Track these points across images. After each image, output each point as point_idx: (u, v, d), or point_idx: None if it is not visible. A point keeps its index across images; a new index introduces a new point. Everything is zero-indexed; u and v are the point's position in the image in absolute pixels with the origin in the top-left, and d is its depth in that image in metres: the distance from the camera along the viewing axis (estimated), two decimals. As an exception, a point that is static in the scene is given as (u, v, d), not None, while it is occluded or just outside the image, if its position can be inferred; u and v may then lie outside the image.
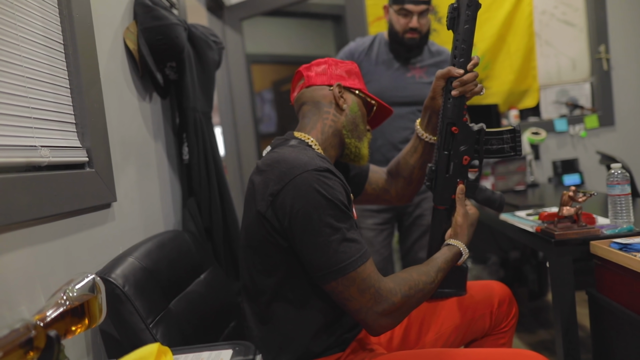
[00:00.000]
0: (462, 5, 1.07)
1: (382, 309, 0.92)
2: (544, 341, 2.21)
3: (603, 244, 1.18)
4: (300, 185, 0.92)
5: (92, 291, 0.73)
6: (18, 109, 0.85)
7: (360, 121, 1.16)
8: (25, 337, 0.58)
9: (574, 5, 2.86)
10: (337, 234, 0.91)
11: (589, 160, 2.84)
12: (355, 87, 1.16)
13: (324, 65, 1.17)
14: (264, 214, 0.95)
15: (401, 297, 0.94)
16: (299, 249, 0.94)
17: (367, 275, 0.92)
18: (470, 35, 1.08)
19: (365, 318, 0.93)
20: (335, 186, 0.94)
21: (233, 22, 2.91)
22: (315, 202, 0.91)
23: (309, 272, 0.95)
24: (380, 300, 0.92)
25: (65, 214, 0.94)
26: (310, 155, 0.98)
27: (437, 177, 1.17)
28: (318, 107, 1.13)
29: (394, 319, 0.95)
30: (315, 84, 1.15)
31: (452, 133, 1.13)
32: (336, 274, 0.90)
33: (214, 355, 0.79)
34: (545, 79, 2.91)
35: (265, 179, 0.97)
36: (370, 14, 2.82)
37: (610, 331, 1.21)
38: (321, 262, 0.91)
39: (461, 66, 1.09)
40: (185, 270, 1.22)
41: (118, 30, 1.30)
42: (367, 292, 0.92)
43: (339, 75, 1.16)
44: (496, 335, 1.23)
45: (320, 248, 0.91)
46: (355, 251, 0.92)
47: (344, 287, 0.91)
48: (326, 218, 0.91)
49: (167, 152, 1.58)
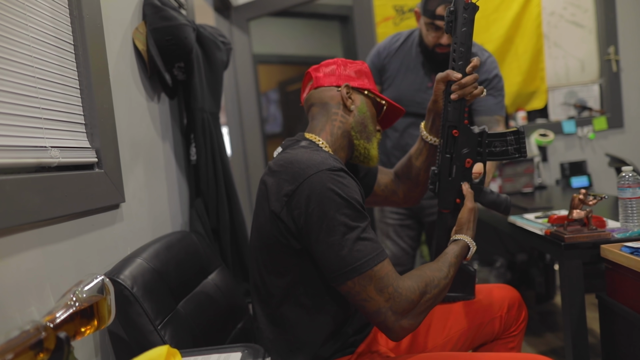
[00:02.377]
0: (459, 9, 1.09)
1: (402, 309, 0.91)
2: (552, 344, 2.19)
3: (614, 248, 1.17)
4: (315, 185, 0.91)
5: (101, 292, 0.73)
6: (29, 109, 0.85)
7: (370, 122, 1.15)
8: (36, 338, 0.57)
9: (583, 7, 2.83)
10: (352, 232, 0.90)
11: (597, 162, 2.81)
12: (364, 87, 1.15)
13: (333, 65, 1.16)
14: (278, 214, 0.95)
15: (419, 294, 0.93)
16: (315, 249, 0.92)
17: (384, 273, 0.90)
18: (468, 38, 1.09)
19: (385, 320, 0.91)
20: (350, 185, 0.94)
21: (240, 23, 2.92)
22: (330, 201, 0.90)
23: (324, 272, 0.94)
24: (399, 299, 0.90)
25: (75, 214, 0.94)
26: (323, 156, 0.97)
27: (440, 181, 1.18)
28: (326, 108, 1.13)
29: (414, 319, 0.93)
30: (323, 85, 1.14)
31: (452, 136, 1.14)
32: (352, 272, 0.89)
33: (223, 358, 0.79)
34: (553, 81, 2.89)
35: (278, 180, 0.96)
36: (378, 15, 2.81)
37: (621, 336, 1.20)
38: (337, 261, 0.90)
39: (460, 69, 1.10)
40: (193, 271, 1.22)
41: (127, 30, 1.30)
42: (385, 291, 0.90)
43: (347, 75, 1.15)
44: (506, 339, 1.22)
45: (336, 247, 0.90)
46: (371, 249, 0.91)
47: (361, 287, 0.90)
48: (342, 217, 0.90)
49: (175, 153, 1.58)
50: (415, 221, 2.03)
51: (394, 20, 2.82)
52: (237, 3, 2.91)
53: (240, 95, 2.98)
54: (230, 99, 2.97)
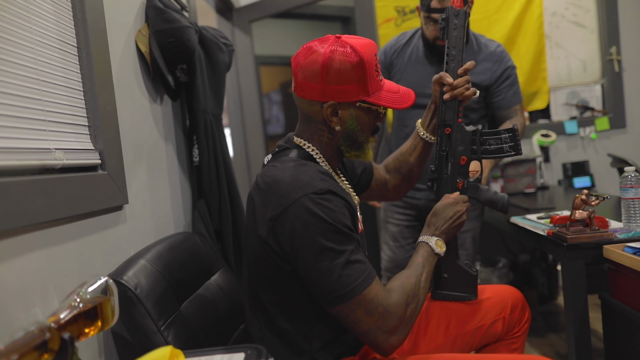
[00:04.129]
0: (450, 15, 1.20)
1: (392, 326, 0.91)
2: (554, 345, 2.19)
3: (616, 248, 1.17)
4: (300, 210, 0.89)
5: (105, 293, 0.73)
6: (33, 111, 0.86)
7: (360, 134, 1.03)
8: (40, 339, 0.58)
9: (585, 7, 2.83)
10: (341, 257, 0.89)
11: (599, 162, 2.81)
12: (355, 100, 0.99)
13: (318, 69, 0.96)
14: (264, 239, 0.94)
15: (405, 307, 0.93)
16: (303, 274, 0.92)
17: (373, 295, 0.90)
18: (459, 41, 1.19)
19: (375, 339, 0.92)
20: (336, 208, 0.91)
21: (242, 24, 2.92)
22: (316, 227, 0.88)
23: (314, 296, 0.94)
24: (388, 317, 0.91)
25: (78, 216, 0.95)
26: (310, 175, 0.94)
27: (436, 178, 1.23)
28: (312, 121, 1.03)
29: (402, 334, 0.93)
30: (306, 98, 1.01)
31: (445, 134, 1.21)
32: (341, 299, 0.89)
33: (226, 358, 0.79)
34: (555, 81, 2.89)
35: (264, 202, 0.94)
36: (380, 16, 2.81)
37: (624, 336, 1.20)
38: (326, 287, 0.89)
39: (452, 70, 1.19)
40: (195, 273, 1.23)
41: (130, 33, 1.31)
42: (375, 312, 0.90)
43: (334, 87, 0.96)
44: (509, 340, 1.21)
45: (325, 273, 0.89)
46: (360, 272, 0.90)
47: (350, 310, 0.90)
48: (328, 243, 0.89)
49: (177, 154, 1.59)
50: (421, 223, 2.02)
51: (395, 22, 2.83)
52: (239, 5, 2.92)
53: (242, 97, 2.99)
54: (232, 100, 2.97)
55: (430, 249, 1.07)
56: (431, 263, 1.05)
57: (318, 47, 0.98)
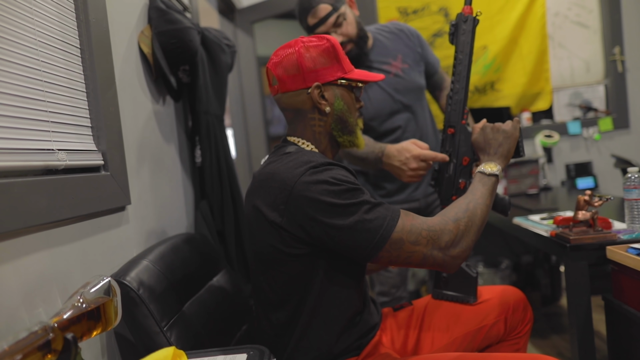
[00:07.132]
0: (460, 22, 1.25)
1: (444, 242, 0.92)
2: (558, 346, 2.18)
3: (620, 249, 1.17)
4: (307, 184, 0.91)
5: (108, 294, 0.73)
6: (36, 112, 0.86)
7: (348, 115, 1.07)
8: (44, 339, 0.58)
9: (588, 7, 2.82)
10: (360, 208, 0.91)
11: (603, 163, 2.80)
12: (335, 78, 1.04)
13: (294, 58, 1.01)
14: (279, 223, 0.94)
15: (453, 222, 0.94)
16: (336, 240, 0.92)
17: (409, 225, 0.92)
18: (466, 46, 1.24)
19: (435, 260, 0.92)
20: (339, 174, 0.94)
21: (244, 25, 2.93)
22: (327, 192, 0.91)
23: (356, 256, 0.93)
24: (436, 236, 0.92)
25: (81, 217, 0.95)
26: (309, 155, 0.97)
27: (440, 178, 1.28)
28: (301, 114, 1.05)
29: (461, 246, 0.93)
30: (291, 90, 1.03)
31: (449, 134, 1.25)
32: (382, 241, 0.90)
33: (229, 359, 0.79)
34: (558, 81, 2.88)
35: (268, 191, 0.96)
36: (382, 17, 2.81)
37: (627, 338, 1.19)
38: (361, 240, 0.90)
39: (459, 74, 1.23)
40: (198, 273, 1.23)
41: (133, 34, 1.31)
42: (421, 238, 0.91)
43: (313, 70, 1.01)
44: (511, 340, 1.21)
45: (355, 226, 0.90)
46: (386, 212, 0.92)
47: (397, 249, 0.91)
48: (345, 200, 0.91)
49: (180, 155, 1.59)
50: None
51: (397, 22, 2.82)
52: (241, 6, 2.93)
53: (244, 98, 2.99)
54: (234, 101, 2.98)
55: (481, 173, 1.08)
56: (485, 183, 1.06)
57: (288, 46, 1.04)
